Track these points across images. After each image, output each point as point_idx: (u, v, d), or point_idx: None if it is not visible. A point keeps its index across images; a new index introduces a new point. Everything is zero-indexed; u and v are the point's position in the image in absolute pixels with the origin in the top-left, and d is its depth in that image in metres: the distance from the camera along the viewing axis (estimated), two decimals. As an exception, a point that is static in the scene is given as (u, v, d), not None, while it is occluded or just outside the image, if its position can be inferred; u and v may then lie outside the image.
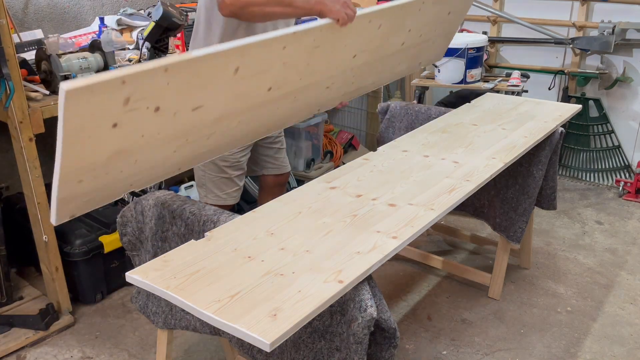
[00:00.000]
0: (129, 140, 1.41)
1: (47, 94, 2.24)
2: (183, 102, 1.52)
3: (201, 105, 1.57)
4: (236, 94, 1.67)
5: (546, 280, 2.72)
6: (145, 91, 1.37)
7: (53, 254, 2.32)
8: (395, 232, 1.46)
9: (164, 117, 1.47)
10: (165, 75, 1.42)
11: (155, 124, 1.47)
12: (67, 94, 1.18)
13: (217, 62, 1.56)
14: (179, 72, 1.45)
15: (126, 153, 1.43)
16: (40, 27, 2.78)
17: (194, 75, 1.51)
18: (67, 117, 1.22)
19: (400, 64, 2.39)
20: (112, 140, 1.36)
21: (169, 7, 2.41)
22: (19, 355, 2.26)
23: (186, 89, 1.50)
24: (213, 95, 1.60)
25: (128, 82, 1.31)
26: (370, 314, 1.25)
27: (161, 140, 1.51)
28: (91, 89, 1.23)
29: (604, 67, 3.68)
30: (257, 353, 1.55)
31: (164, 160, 1.57)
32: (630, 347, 2.28)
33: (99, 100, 1.28)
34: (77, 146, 1.29)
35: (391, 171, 1.86)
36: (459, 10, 2.58)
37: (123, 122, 1.35)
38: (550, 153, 2.35)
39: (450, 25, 2.62)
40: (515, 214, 2.44)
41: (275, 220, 1.52)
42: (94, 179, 1.38)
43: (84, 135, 1.29)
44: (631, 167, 3.77)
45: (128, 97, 1.33)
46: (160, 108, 1.44)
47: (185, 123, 1.55)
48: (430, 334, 2.36)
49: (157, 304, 1.71)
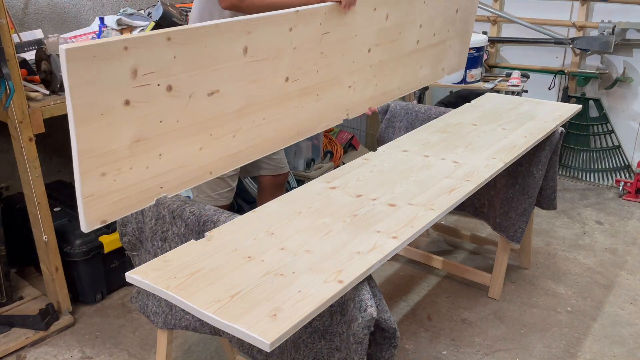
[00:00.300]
0: (146, 126, 1.39)
1: (47, 94, 2.24)
2: (195, 82, 1.50)
3: (217, 90, 1.56)
4: (251, 80, 1.67)
5: (546, 280, 2.72)
6: (151, 63, 1.36)
7: (53, 254, 2.32)
8: (395, 232, 1.46)
9: (179, 99, 1.46)
10: (169, 45, 1.40)
11: (171, 108, 1.45)
12: (67, 53, 1.17)
13: (222, 37, 1.55)
14: (184, 44, 1.44)
15: (147, 142, 1.41)
16: (40, 27, 2.78)
17: (201, 50, 1.50)
18: (73, 85, 1.20)
19: (421, 67, 2.42)
20: (128, 122, 1.33)
21: (169, 7, 2.41)
22: (19, 355, 2.26)
23: (195, 66, 1.49)
24: (227, 79, 1.59)
25: (131, 48, 1.30)
26: (370, 314, 1.25)
27: (182, 131, 1.50)
28: (91, 51, 1.22)
29: (604, 67, 3.68)
30: (257, 353, 1.55)
31: (191, 159, 1.56)
32: (630, 347, 2.28)
33: (103, 67, 1.25)
34: (91, 123, 1.26)
35: (391, 171, 1.86)
36: (466, 8, 2.60)
37: (135, 100, 1.34)
38: (550, 153, 2.35)
39: (463, 26, 2.64)
40: (515, 214, 2.44)
41: (275, 220, 1.52)
42: (118, 172, 1.35)
43: (95, 112, 1.26)
44: (631, 167, 3.77)
45: (135, 68, 1.32)
46: (173, 87, 1.43)
47: (204, 110, 1.54)
48: (430, 334, 2.36)
49: (157, 304, 1.71)
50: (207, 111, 1.57)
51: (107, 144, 1.32)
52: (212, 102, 1.58)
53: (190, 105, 1.51)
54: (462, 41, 2.69)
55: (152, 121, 1.41)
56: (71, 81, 1.21)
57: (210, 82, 1.56)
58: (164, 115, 1.45)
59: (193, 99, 1.51)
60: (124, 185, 1.39)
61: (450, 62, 2.66)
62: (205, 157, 1.61)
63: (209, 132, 1.59)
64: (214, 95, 1.57)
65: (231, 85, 1.63)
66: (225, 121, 1.63)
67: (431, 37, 2.45)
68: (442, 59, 2.58)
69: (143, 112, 1.38)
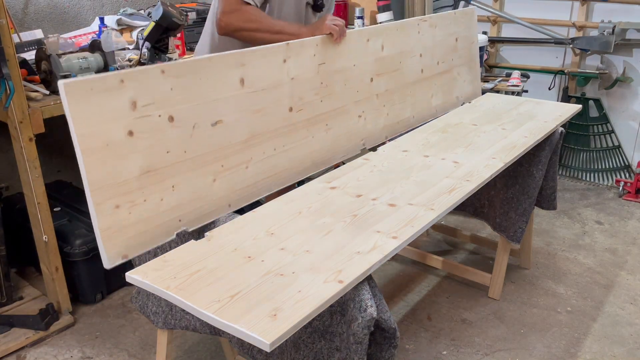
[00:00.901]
0: (153, 156, 1.42)
1: (47, 94, 2.24)
2: (196, 113, 1.54)
3: (220, 120, 1.60)
4: (254, 110, 1.72)
5: (546, 280, 2.72)
6: (149, 95, 1.41)
7: (53, 254, 2.32)
8: (395, 232, 1.46)
9: (182, 129, 1.50)
10: (164, 77, 1.46)
11: (176, 139, 1.49)
12: (65, 87, 1.23)
13: (216, 69, 1.60)
14: (179, 77, 1.49)
15: (156, 173, 1.44)
16: (40, 27, 2.78)
17: (197, 82, 1.55)
18: (75, 117, 1.25)
19: (432, 96, 2.47)
20: (134, 152, 1.38)
21: (169, 7, 2.41)
22: (19, 355, 2.26)
23: (194, 97, 1.54)
24: (228, 109, 1.64)
25: (127, 81, 1.36)
26: (370, 314, 1.25)
27: (191, 162, 1.53)
28: (89, 85, 1.28)
29: (604, 67, 3.68)
30: (257, 353, 1.55)
31: (206, 191, 1.56)
32: (630, 347, 2.28)
33: (102, 99, 1.31)
34: (97, 153, 1.30)
35: (391, 171, 1.86)
36: (466, 37, 2.65)
37: (138, 130, 1.39)
38: (550, 153, 2.35)
39: (468, 53, 2.71)
40: (515, 214, 2.44)
41: (275, 220, 1.52)
42: (132, 204, 1.38)
43: (100, 142, 1.31)
44: (631, 167, 3.77)
45: (134, 99, 1.38)
46: (174, 118, 1.48)
47: (209, 140, 1.57)
48: (430, 334, 2.36)
49: (157, 304, 1.71)
50: (214, 141, 1.59)
51: (117, 175, 1.35)
52: (217, 132, 1.60)
53: (195, 136, 1.54)
54: (470, 69, 2.74)
55: (158, 152, 1.44)
56: (73, 113, 1.26)
57: (212, 112, 1.59)
58: (170, 146, 1.48)
59: (197, 130, 1.54)
60: (141, 218, 1.40)
61: (464, 90, 2.70)
62: (221, 189, 1.61)
63: (219, 163, 1.61)
64: (217, 125, 1.60)
65: (234, 115, 1.65)
66: (234, 152, 1.66)
67: (435, 66, 2.49)
68: (454, 87, 2.62)
69: (148, 142, 1.42)
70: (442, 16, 2.56)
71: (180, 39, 2.87)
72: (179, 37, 2.86)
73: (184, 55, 2.88)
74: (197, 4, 3.30)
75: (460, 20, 2.65)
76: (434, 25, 2.47)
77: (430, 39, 2.45)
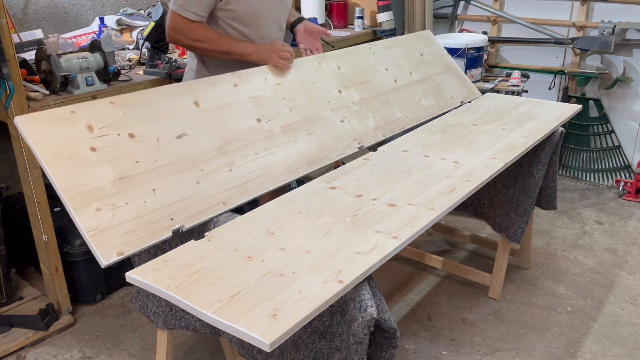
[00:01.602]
0: (122, 166, 1.48)
1: (47, 94, 2.24)
2: (156, 129, 1.61)
3: (184, 133, 1.66)
4: (217, 123, 1.77)
5: (546, 280, 2.72)
6: (102, 120, 1.52)
7: (53, 254, 2.32)
8: (395, 232, 1.46)
9: (146, 143, 1.56)
10: (113, 107, 1.56)
11: (142, 150, 1.54)
12: (20, 121, 1.38)
13: (166, 98, 1.69)
14: (129, 105, 1.59)
15: (131, 180, 1.47)
16: (40, 27, 2.78)
17: (149, 107, 1.63)
18: (34, 141, 1.41)
19: (420, 98, 2.50)
20: (101, 163, 1.45)
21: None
22: (19, 355, 2.26)
23: (149, 119, 1.62)
24: (190, 125, 1.70)
25: (77, 112, 1.49)
26: (370, 314, 1.25)
27: (166, 168, 1.56)
28: (41, 117, 1.43)
29: (604, 67, 3.68)
30: (257, 353, 1.55)
31: (192, 192, 1.56)
32: (630, 347, 2.28)
33: (58, 126, 1.43)
34: (61, 162, 1.38)
35: (391, 171, 1.86)
36: (432, 51, 2.78)
37: (100, 147, 1.47)
38: (550, 153, 2.35)
39: (442, 64, 2.79)
40: (516, 214, 2.44)
41: (275, 220, 1.52)
42: (113, 207, 1.40)
43: (63, 157, 1.39)
44: (631, 167, 3.77)
45: (89, 124, 1.48)
46: (135, 135, 1.56)
47: (178, 150, 1.61)
48: (430, 334, 2.36)
49: (157, 304, 1.71)
50: (183, 150, 1.63)
51: (89, 182, 1.40)
52: (184, 143, 1.64)
53: (162, 147, 1.59)
54: (452, 75, 2.78)
55: (126, 162, 1.50)
56: (32, 139, 1.37)
57: (173, 128, 1.65)
58: (137, 157, 1.52)
59: (162, 142, 1.60)
60: (126, 219, 1.41)
61: (458, 92, 2.72)
62: (208, 190, 1.61)
63: (198, 168, 1.63)
64: (182, 137, 1.65)
65: (196, 128, 1.70)
66: (211, 157, 1.68)
67: (409, 76, 2.55)
68: (443, 90, 2.64)
69: (112, 155, 1.48)
70: (395, 40, 2.71)
71: (180, 39, 2.87)
72: (179, 37, 2.85)
73: (183, 55, 2.88)
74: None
75: (417, 41, 2.79)
76: (388, 47, 2.59)
77: (390, 57, 2.54)
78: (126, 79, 2.44)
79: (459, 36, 3.56)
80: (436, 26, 4.29)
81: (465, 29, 4.07)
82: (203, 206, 1.56)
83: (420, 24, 4.13)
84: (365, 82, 2.33)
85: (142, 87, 2.43)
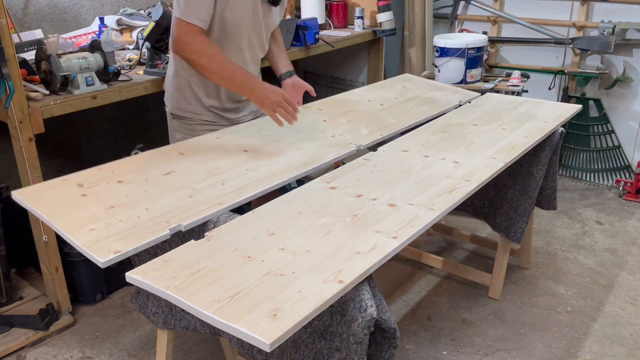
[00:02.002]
0: (114, 199, 1.54)
1: (47, 94, 2.24)
2: (143, 174, 1.69)
3: (172, 171, 1.72)
4: (204, 160, 1.82)
5: (546, 280, 2.72)
6: (92, 179, 1.63)
7: (53, 254, 2.32)
8: (395, 232, 1.46)
9: (134, 183, 1.63)
10: (102, 170, 1.70)
11: (132, 187, 1.61)
12: (19, 195, 1.52)
13: (152, 158, 1.79)
14: (117, 169, 1.71)
15: (123, 207, 1.52)
16: (40, 27, 2.78)
17: (137, 165, 1.75)
18: (34, 205, 1.50)
19: (413, 107, 2.53)
20: (93, 202, 1.52)
21: (169, 7, 2.41)
22: (19, 355, 2.26)
23: (138, 170, 1.71)
24: (175, 166, 1.76)
25: (68, 179, 1.61)
26: (370, 314, 1.25)
27: (157, 194, 1.60)
28: (36, 188, 1.58)
29: (604, 67, 3.68)
30: (257, 353, 1.55)
31: (186, 203, 1.57)
32: (630, 347, 2.28)
33: (50, 191, 1.55)
34: (57, 212, 1.47)
35: (391, 171, 1.86)
36: (414, 83, 2.87)
37: (91, 193, 1.58)
38: (550, 153, 2.35)
39: (429, 85, 2.88)
40: (515, 214, 2.44)
41: (275, 220, 1.52)
42: (108, 225, 1.43)
43: (58, 206, 1.50)
44: (631, 167, 3.77)
45: (79, 183, 1.60)
46: (124, 181, 1.64)
47: (169, 184, 1.66)
48: (430, 334, 2.36)
49: (157, 304, 1.71)
50: (173, 182, 1.67)
51: (83, 214, 1.47)
52: (173, 177, 1.69)
53: (150, 182, 1.65)
54: (445, 89, 2.85)
55: (116, 196, 1.56)
56: (31, 205, 1.51)
57: (160, 170, 1.72)
58: (127, 192, 1.59)
59: (150, 180, 1.66)
60: (121, 230, 1.42)
61: (452, 97, 2.73)
62: (203, 198, 1.60)
63: (190, 187, 1.65)
64: (170, 174, 1.71)
65: (183, 166, 1.76)
66: (201, 180, 1.70)
67: (395, 99, 2.60)
68: (435, 101, 2.66)
69: (103, 195, 1.56)
70: (374, 85, 2.81)
71: (180, 39, 2.87)
72: (179, 37, 2.85)
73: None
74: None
75: (397, 81, 2.88)
76: (369, 90, 2.70)
77: (371, 93, 2.62)
78: (126, 79, 2.45)
79: (459, 36, 3.56)
80: (436, 26, 4.29)
81: (465, 29, 4.07)
82: (198, 209, 1.56)
83: (420, 24, 4.13)
84: (350, 111, 2.38)
85: (142, 87, 2.43)
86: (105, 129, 3.20)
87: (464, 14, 4.22)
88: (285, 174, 1.80)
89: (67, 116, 2.31)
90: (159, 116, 2.40)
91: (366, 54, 3.94)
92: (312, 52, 3.29)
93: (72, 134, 3.07)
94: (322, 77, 4.23)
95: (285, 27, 3.19)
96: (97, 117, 3.10)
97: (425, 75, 3.62)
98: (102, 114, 3.11)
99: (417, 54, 4.17)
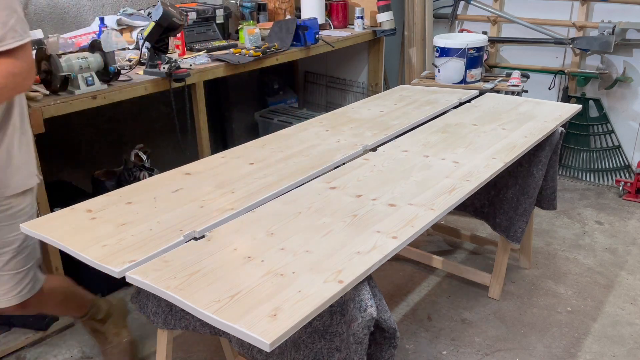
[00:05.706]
0: (124, 217, 1.56)
1: (47, 94, 2.24)
2: (153, 193, 1.70)
3: (180, 188, 1.74)
4: (213, 174, 1.85)
5: (546, 280, 2.72)
6: (100, 205, 1.64)
7: (53, 254, 2.32)
8: (395, 232, 1.46)
9: (143, 203, 1.64)
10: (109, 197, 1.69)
11: (142, 207, 1.62)
12: (30, 227, 1.54)
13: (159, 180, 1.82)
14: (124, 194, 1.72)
15: (133, 223, 1.52)
16: (40, 27, 2.78)
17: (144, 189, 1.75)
18: (43, 233, 1.51)
19: (414, 109, 2.55)
20: (103, 223, 1.53)
21: (169, 7, 2.41)
22: (19, 355, 2.26)
23: (144, 192, 1.71)
24: (183, 184, 1.77)
25: (76, 207, 1.63)
26: (370, 314, 1.25)
27: (167, 208, 1.61)
28: (45, 219, 1.58)
29: (604, 67, 3.68)
30: (257, 353, 1.55)
31: (197, 213, 1.58)
32: (630, 347, 2.28)
33: (59, 219, 1.57)
34: (68, 235, 1.48)
35: (391, 171, 1.86)
36: (411, 92, 2.88)
37: (99, 216, 1.57)
38: (550, 153, 2.35)
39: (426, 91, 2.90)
40: (515, 214, 2.44)
41: (275, 220, 1.52)
42: (119, 240, 1.44)
43: (67, 230, 1.50)
44: (631, 167, 3.77)
45: (88, 209, 1.62)
46: (133, 202, 1.64)
47: (178, 198, 1.68)
48: (430, 334, 2.36)
49: (157, 304, 1.71)
50: (182, 197, 1.68)
51: (93, 234, 1.47)
52: (181, 194, 1.70)
53: (159, 200, 1.65)
54: (443, 91, 2.88)
55: (126, 215, 1.57)
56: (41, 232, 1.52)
57: (168, 188, 1.74)
58: (137, 210, 1.59)
59: (159, 198, 1.67)
60: (135, 241, 1.43)
61: (451, 97, 2.75)
62: (214, 206, 1.62)
63: (200, 199, 1.66)
64: (179, 191, 1.72)
65: (190, 183, 1.78)
66: (209, 192, 1.71)
67: (394, 106, 2.63)
68: (435, 102, 2.67)
69: (112, 216, 1.57)
70: (371, 97, 2.79)
71: (180, 39, 2.87)
72: (179, 37, 2.86)
73: (184, 55, 2.88)
74: (197, 4, 3.30)
75: (394, 92, 2.88)
76: (366, 102, 2.69)
77: (369, 105, 2.63)
78: (126, 79, 2.45)
79: (459, 36, 3.56)
80: (436, 26, 4.29)
81: (465, 29, 4.07)
82: (211, 215, 1.57)
83: (420, 24, 4.13)
84: (351, 120, 2.39)
85: (142, 87, 2.43)
86: (105, 129, 3.21)
87: (464, 14, 4.23)
88: (294, 177, 1.81)
89: (67, 116, 2.31)
90: (159, 116, 2.40)
91: (366, 54, 3.95)
92: (312, 52, 3.29)
93: (72, 134, 3.07)
94: (322, 77, 4.24)
95: (286, 27, 3.19)
96: (97, 117, 3.10)
97: (425, 75, 3.62)
98: (102, 114, 3.11)
99: (417, 54, 4.17)
